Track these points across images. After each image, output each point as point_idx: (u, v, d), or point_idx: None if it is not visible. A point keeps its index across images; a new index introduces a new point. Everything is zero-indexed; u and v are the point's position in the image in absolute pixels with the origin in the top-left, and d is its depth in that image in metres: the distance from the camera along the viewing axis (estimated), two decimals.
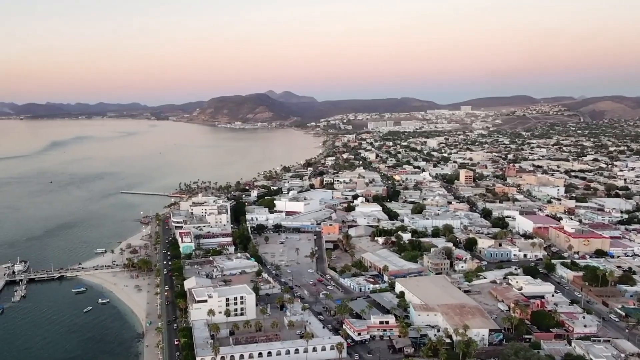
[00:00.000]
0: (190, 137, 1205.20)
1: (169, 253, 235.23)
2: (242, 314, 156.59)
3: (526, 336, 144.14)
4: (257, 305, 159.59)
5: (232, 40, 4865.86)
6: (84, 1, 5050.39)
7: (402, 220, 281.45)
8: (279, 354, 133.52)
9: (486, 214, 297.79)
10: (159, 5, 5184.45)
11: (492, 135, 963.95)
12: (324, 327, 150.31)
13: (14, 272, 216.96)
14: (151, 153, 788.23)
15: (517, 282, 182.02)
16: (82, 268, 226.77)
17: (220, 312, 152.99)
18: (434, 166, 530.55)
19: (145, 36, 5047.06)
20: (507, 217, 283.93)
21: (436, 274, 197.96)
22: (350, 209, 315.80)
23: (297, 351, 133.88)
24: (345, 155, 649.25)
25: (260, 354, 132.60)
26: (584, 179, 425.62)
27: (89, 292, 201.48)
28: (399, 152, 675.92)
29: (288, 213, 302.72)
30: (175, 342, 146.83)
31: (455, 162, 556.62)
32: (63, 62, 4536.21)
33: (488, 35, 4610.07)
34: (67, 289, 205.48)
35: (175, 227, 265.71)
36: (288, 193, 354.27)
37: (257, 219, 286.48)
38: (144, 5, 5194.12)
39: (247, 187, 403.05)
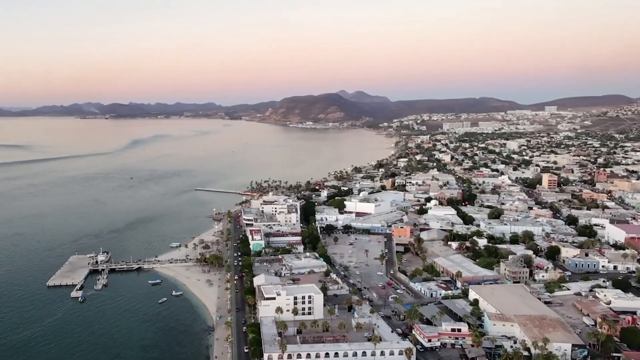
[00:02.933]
0: (262, 137, 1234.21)
1: (239, 250, 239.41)
2: (309, 313, 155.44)
3: (614, 354, 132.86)
4: (324, 305, 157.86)
5: (305, 40, 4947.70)
6: (164, 9, 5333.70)
7: (478, 225, 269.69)
8: (345, 355, 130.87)
9: (571, 221, 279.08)
10: (235, 9, 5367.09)
11: (580, 137, 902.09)
12: (392, 331, 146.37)
13: (97, 262, 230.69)
14: (224, 152, 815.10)
15: (605, 295, 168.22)
16: (158, 261, 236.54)
17: (288, 310, 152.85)
18: (514, 169, 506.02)
19: (221, 39, 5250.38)
20: (595, 225, 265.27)
21: (514, 282, 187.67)
22: (422, 211, 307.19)
23: (364, 354, 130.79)
24: (418, 157, 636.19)
25: (327, 354, 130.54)
26: None
27: (164, 284, 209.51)
28: (476, 154, 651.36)
29: (358, 214, 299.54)
30: (245, 350, 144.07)
31: (537, 165, 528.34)
32: (145, 65, 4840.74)
33: (577, 30, 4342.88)
34: (144, 280, 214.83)
35: (246, 224, 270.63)
36: (359, 194, 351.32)
37: (326, 219, 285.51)
38: (219, 10, 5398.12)
39: (317, 187, 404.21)
